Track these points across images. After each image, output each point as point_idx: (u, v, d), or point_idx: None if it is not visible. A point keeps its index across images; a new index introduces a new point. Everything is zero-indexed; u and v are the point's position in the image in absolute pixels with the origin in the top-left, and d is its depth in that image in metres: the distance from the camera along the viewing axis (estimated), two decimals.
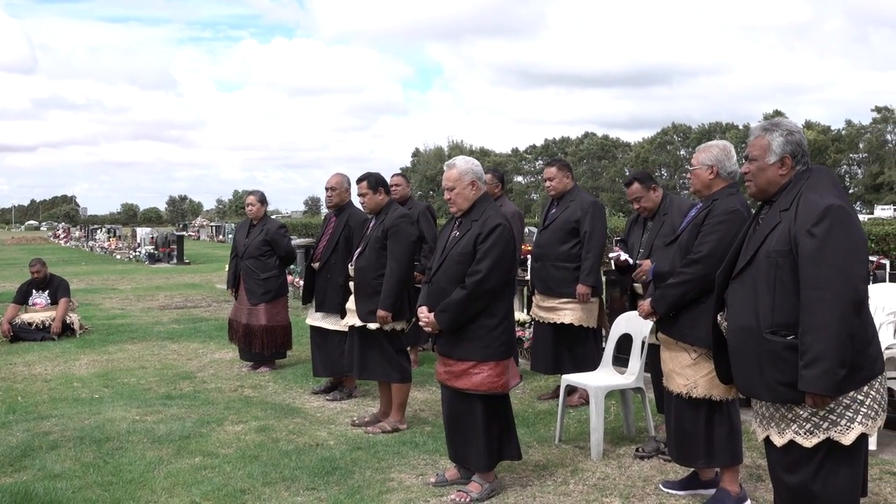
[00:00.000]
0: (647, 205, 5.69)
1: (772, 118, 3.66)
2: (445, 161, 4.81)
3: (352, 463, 5.24)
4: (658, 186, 5.72)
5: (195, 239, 51.64)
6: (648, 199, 5.67)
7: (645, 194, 5.66)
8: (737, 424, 4.48)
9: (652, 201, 5.67)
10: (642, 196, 5.67)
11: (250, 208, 8.40)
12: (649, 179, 5.72)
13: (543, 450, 5.53)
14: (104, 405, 6.85)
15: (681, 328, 4.42)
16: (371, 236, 6.03)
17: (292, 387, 7.58)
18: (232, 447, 5.62)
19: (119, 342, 10.22)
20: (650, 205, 5.68)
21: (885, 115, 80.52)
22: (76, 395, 7.26)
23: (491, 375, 4.54)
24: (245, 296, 8.25)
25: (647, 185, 5.67)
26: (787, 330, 3.18)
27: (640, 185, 5.66)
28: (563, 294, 6.57)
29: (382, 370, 6.00)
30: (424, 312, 4.69)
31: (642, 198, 5.67)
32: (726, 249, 4.11)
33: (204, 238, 52.81)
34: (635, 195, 5.69)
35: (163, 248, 27.80)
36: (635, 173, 5.81)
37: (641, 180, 5.69)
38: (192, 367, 8.57)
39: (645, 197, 5.67)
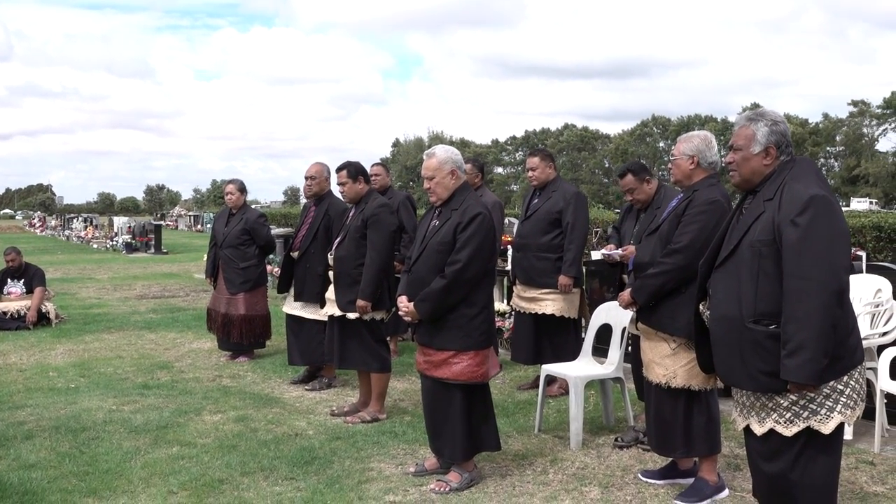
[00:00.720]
0: (640, 196, 5.67)
1: (754, 109, 3.67)
2: (425, 151, 4.79)
3: (331, 453, 5.22)
4: (652, 178, 5.68)
5: (173, 228, 51.36)
6: (642, 191, 5.65)
7: (638, 186, 5.64)
8: (715, 414, 4.50)
9: (645, 193, 5.65)
10: (635, 188, 5.64)
11: (230, 197, 8.34)
12: (643, 171, 5.69)
13: (523, 439, 5.54)
14: (80, 395, 6.79)
15: (660, 318, 4.43)
16: (351, 226, 6.00)
17: (271, 376, 7.54)
18: (210, 437, 5.59)
19: (95, 332, 10.14)
20: (643, 196, 5.66)
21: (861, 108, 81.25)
22: (52, 385, 7.19)
23: (471, 365, 4.54)
24: (224, 285, 8.19)
25: (640, 176, 5.64)
26: (769, 319, 3.19)
27: (634, 177, 5.64)
28: (545, 284, 6.57)
29: (362, 360, 5.98)
30: (404, 302, 4.67)
31: (636, 189, 5.65)
32: (706, 240, 4.13)
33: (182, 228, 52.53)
34: (628, 186, 5.67)
35: (140, 237, 27.62)
36: (629, 164, 5.79)
37: (635, 172, 5.67)
38: (170, 357, 8.51)
39: (638, 189, 5.64)
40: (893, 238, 13.97)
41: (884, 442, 5.33)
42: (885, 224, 14.59)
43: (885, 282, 5.76)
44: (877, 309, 5.68)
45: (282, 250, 12.81)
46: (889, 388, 5.20)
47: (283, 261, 7.41)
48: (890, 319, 5.58)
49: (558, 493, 4.52)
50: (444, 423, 4.66)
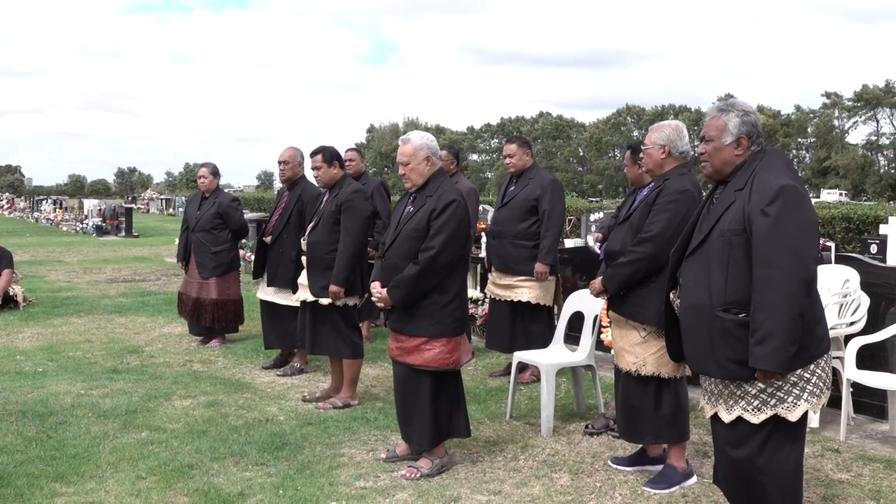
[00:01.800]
0: (630, 175, 5.68)
1: (725, 100, 3.69)
2: (400, 137, 4.77)
3: (302, 438, 5.22)
4: None
5: (144, 212, 50.86)
6: (632, 171, 5.64)
7: (629, 165, 5.63)
8: (684, 402, 4.55)
9: (634, 174, 5.65)
10: (627, 166, 5.65)
11: (202, 180, 8.26)
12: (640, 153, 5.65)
13: (494, 426, 5.56)
14: (48, 379, 6.72)
15: (630, 306, 4.47)
16: (324, 211, 5.97)
17: (242, 362, 7.51)
18: (179, 422, 5.56)
19: (64, 315, 10.03)
20: (632, 176, 5.66)
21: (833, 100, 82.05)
22: (19, 369, 7.11)
23: (443, 352, 4.54)
24: (195, 269, 8.13)
25: (634, 157, 5.64)
26: (739, 308, 3.22)
27: (631, 156, 5.63)
28: (521, 272, 6.58)
29: (334, 345, 5.97)
30: (377, 288, 4.67)
31: (628, 168, 5.65)
32: (677, 229, 4.17)
33: (153, 211, 52.02)
34: (624, 164, 5.68)
35: (111, 220, 27.33)
36: (632, 142, 5.79)
37: (634, 150, 5.66)
38: (140, 342, 8.45)
39: (629, 168, 5.64)
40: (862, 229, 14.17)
41: (849, 430, 5.42)
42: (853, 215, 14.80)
43: (853, 272, 5.83)
44: (844, 299, 5.76)
45: (255, 235, 12.73)
46: (855, 377, 5.27)
47: (256, 246, 7.37)
48: (857, 310, 5.66)
49: (529, 480, 4.55)
50: (415, 409, 4.67)
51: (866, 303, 5.64)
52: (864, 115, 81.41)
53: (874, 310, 5.71)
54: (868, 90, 78.95)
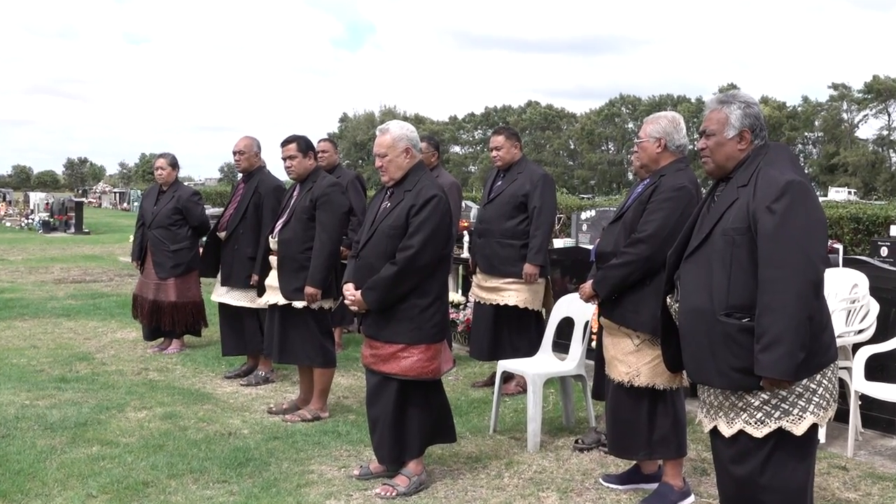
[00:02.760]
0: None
1: (727, 91, 3.71)
2: (378, 127, 4.78)
3: (267, 454, 5.21)
4: None
5: (96, 206, 50.63)
6: None
7: None
8: (681, 415, 4.58)
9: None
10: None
11: (160, 172, 8.23)
12: None
13: (476, 441, 5.58)
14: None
15: (623, 312, 4.49)
16: (297, 206, 5.96)
17: (202, 370, 7.49)
18: (134, 436, 5.53)
19: (7, 318, 9.96)
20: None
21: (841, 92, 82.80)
22: None
23: (421, 360, 4.55)
24: (153, 269, 8.10)
25: None
26: (742, 312, 3.24)
27: None
28: (508, 273, 6.60)
29: (304, 353, 5.96)
30: (351, 290, 4.67)
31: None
32: (673, 229, 4.20)
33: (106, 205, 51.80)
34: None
35: (59, 215, 27.19)
36: None
37: None
38: (91, 348, 8.40)
39: None
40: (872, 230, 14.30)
41: (857, 446, 5.47)
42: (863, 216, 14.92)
43: (861, 276, 5.89)
44: (853, 305, 5.81)
45: None
46: (864, 389, 5.33)
47: (207, 241, 7.35)
48: (866, 317, 5.71)
49: (514, 499, 4.56)
50: (391, 422, 4.67)
51: (876, 309, 5.70)
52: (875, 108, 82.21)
53: (884, 317, 5.76)
54: (879, 81, 79.67)
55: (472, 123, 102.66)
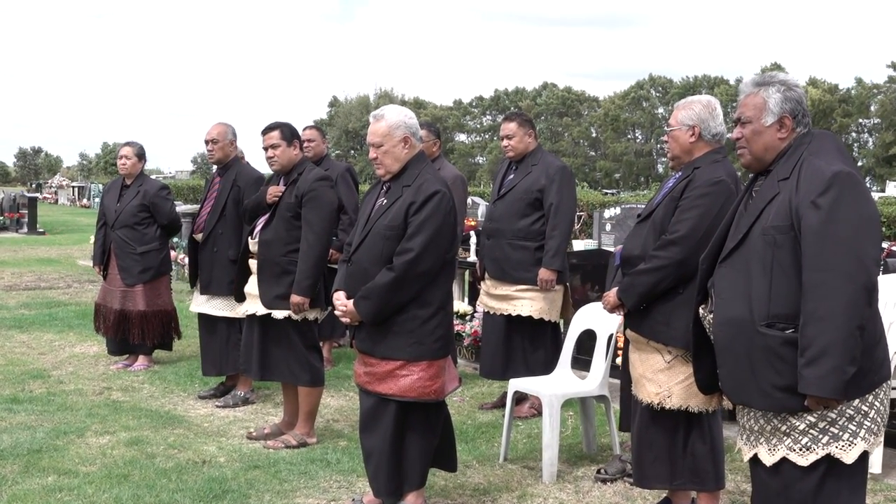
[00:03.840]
0: None
1: (769, 71, 3.71)
2: (372, 113, 4.80)
3: (247, 485, 5.22)
4: None
5: (52, 203, 50.75)
6: None
7: None
8: (718, 441, 4.59)
9: None
10: None
11: (124, 163, 8.25)
12: None
13: (485, 470, 5.59)
14: None
15: (653, 325, 4.50)
16: (280, 202, 5.98)
17: (173, 389, 7.52)
18: (95, 464, 5.56)
19: None
20: None
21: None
22: None
23: (423, 378, 4.56)
24: (118, 275, 8.13)
25: None
26: (785, 322, 3.24)
27: None
28: (522, 279, 6.62)
29: (289, 370, 5.98)
30: (342, 299, 4.68)
31: None
32: (709, 229, 4.21)
33: (63, 202, 51.90)
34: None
35: (10, 213, 27.28)
36: None
37: None
38: (46, 364, 8.44)
39: None
40: None
41: None
42: None
43: None
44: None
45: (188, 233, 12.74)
46: None
47: (188, 247, 7.39)
48: None
49: None
50: (388, 450, 4.67)
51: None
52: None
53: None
54: None
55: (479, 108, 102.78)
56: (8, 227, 26.73)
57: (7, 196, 29.07)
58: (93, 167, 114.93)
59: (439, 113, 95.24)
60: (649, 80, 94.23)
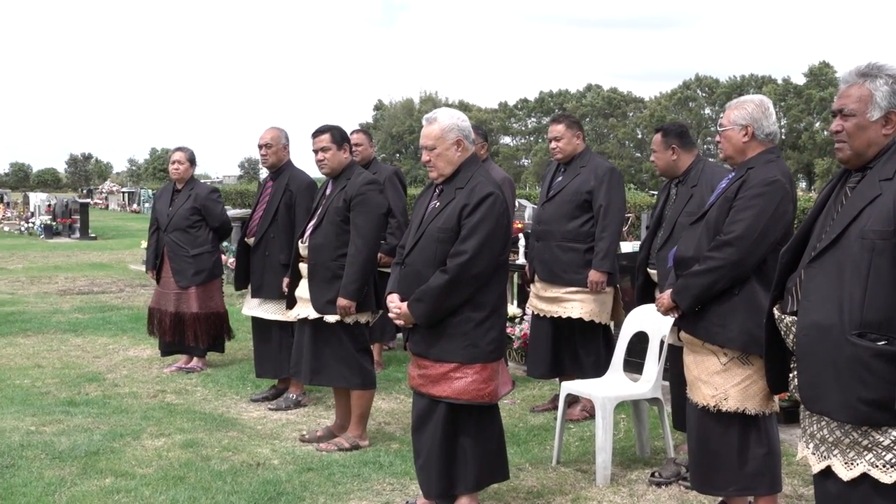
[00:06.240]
0: (660, 164, 5.81)
1: (872, 64, 3.34)
2: (414, 116, 4.81)
3: (301, 487, 5.25)
4: (683, 149, 5.74)
5: (102, 208, 51.34)
6: (662, 158, 5.76)
7: (660, 151, 5.75)
8: (775, 445, 4.54)
9: (665, 163, 5.76)
10: (657, 152, 5.80)
11: (176, 167, 8.33)
12: (674, 136, 5.76)
13: (538, 473, 5.57)
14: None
15: (708, 326, 4.45)
16: (329, 206, 6.01)
17: (226, 392, 7.57)
18: (151, 466, 5.61)
19: (8, 335, 10.15)
20: (662, 165, 5.80)
21: None
22: None
23: (476, 381, 4.55)
24: (172, 278, 8.21)
25: (667, 142, 5.74)
26: (878, 333, 3.07)
27: (661, 139, 5.77)
28: (571, 281, 6.59)
29: (340, 373, 6.00)
30: (396, 302, 4.69)
31: (656, 154, 5.81)
32: (765, 229, 4.16)
33: (113, 207, 52.50)
34: (652, 149, 5.84)
35: (62, 218, 27.56)
36: (667, 124, 5.90)
37: (665, 133, 5.79)
38: (101, 367, 8.53)
39: (659, 154, 5.76)
40: None
41: None
42: None
43: None
44: None
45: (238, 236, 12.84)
46: None
47: (237, 250, 7.44)
48: None
49: None
50: (440, 451, 4.68)
51: None
52: None
53: None
54: None
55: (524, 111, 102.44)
56: (61, 232, 27.05)
57: (60, 202, 29.42)
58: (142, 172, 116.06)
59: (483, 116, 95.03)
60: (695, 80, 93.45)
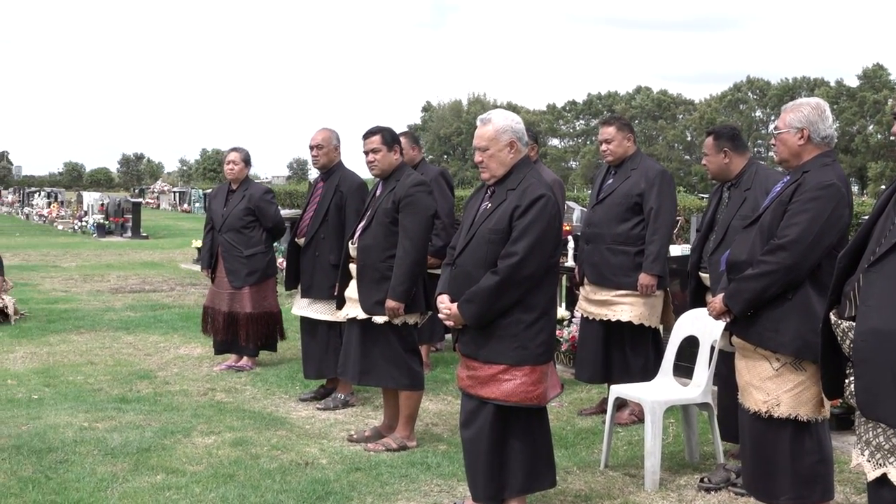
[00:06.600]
0: (712, 167, 5.78)
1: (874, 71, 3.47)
2: (463, 118, 4.82)
3: (349, 487, 5.27)
4: (739, 151, 5.71)
5: (154, 207, 51.88)
6: (714, 161, 5.74)
7: (712, 154, 5.73)
8: (828, 451, 4.48)
9: (717, 166, 5.73)
10: (709, 155, 5.77)
11: (231, 168, 8.39)
12: (726, 140, 5.72)
13: (586, 477, 5.55)
14: (45, 408, 6.91)
15: (761, 331, 4.41)
16: (378, 208, 6.03)
17: (275, 391, 7.62)
18: (202, 463, 5.67)
19: (62, 332, 10.30)
20: (714, 169, 5.77)
21: None
22: (10, 396, 7.33)
23: (525, 383, 4.54)
24: (225, 278, 8.28)
25: (718, 145, 5.71)
26: None
27: (713, 142, 5.74)
28: (621, 284, 6.56)
29: (388, 374, 6.01)
30: (446, 302, 4.69)
31: (708, 157, 5.78)
32: (820, 233, 4.11)
33: (164, 206, 53.07)
34: (703, 152, 5.81)
35: (115, 217, 27.89)
36: (717, 126, 5.87)
37: (717, 136, 5.76)
38: (152, 365, 8.63)
39: (711, 157, 5.75)
40: None
41: None
42: None
43: None
44: None
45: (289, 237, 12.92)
46: None
47: (288, 250, 7.49)
48: None
49: None
50: (488, 454, 4.67)
51: None
52: None
53: None
54: None
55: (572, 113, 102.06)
56: (113, 231, 27.37)
57: (112, 201, 29.80)
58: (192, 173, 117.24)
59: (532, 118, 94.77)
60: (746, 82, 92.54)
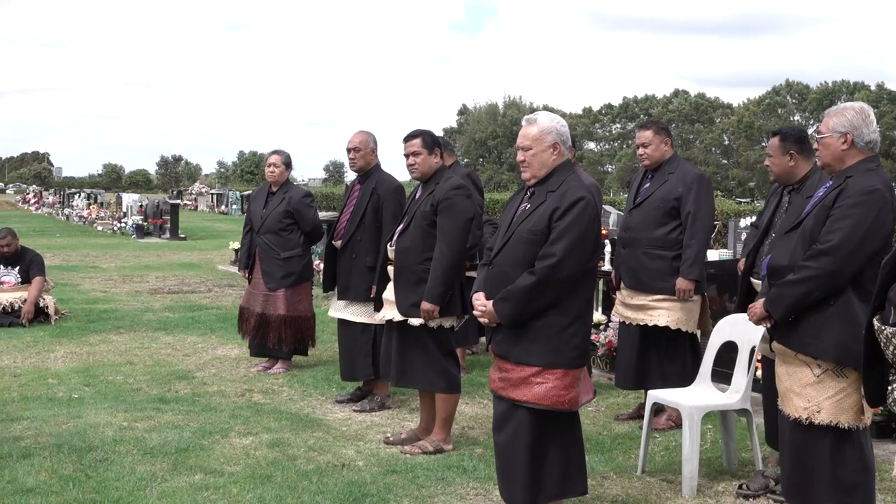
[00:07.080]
0: (776, 169, 5.74)
1: None
2: (498, 121, 4.83)
3: (385, 489, 5.28)
4: (805, 154, 5.66)
5: (192, 209, 52.34)
6: (779, 164, 5.69)
7: (776, 156, 5.69)
8: (870, 459, 4.43)
9: (781, 168, 5.69)
10: (773, 156, 5.73)
11: (272, 171, 8.42)
12: (793, 141, 5.68)
13: (622, 482, 5.52)
14: (85, 407, 6.99)
15: (802, 337, 4.38)
16: (417, 210, 6.04)
17: (311, 393, 7.65)
18: (239, 464, 5.70)
19: (102, 332, 10.41)
20: (778, 171, 5.73)
21: None
22: (51, 394, 7.41)
23: (558, 387, 4.52)
24: (261, 279, 8.32)
25: (785, 146, 5.67)
26: None
27: (780, 145, 5.69)
28: (658, 289, 6.52)
29: (425, 377, 6.02)
30: (481, 300, 4.68)
31: (772, 159, 5.74)
32: (863, 239, 4.07)
33: (202, 208, 53.51)
34: (768, 154, 5.79)
35: (153, 219, 28.21)
36: (785, 127, 5.82)
37: (784, 137, 5.71)
38: (190, 365, 8.70)
39: (775, 160, 5.70)
40: None
41: None
42: None
43: None
44: None
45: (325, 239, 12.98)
46: None
47: (325, 252, 7.51)
48: None
49: None
50: (519, 458, 4.65)
51: None
52: None
53: None
54: None
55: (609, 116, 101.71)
56: (152, 232, 27.67)
57: (151, 203, 30.11)
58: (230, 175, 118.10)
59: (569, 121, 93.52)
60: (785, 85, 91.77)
